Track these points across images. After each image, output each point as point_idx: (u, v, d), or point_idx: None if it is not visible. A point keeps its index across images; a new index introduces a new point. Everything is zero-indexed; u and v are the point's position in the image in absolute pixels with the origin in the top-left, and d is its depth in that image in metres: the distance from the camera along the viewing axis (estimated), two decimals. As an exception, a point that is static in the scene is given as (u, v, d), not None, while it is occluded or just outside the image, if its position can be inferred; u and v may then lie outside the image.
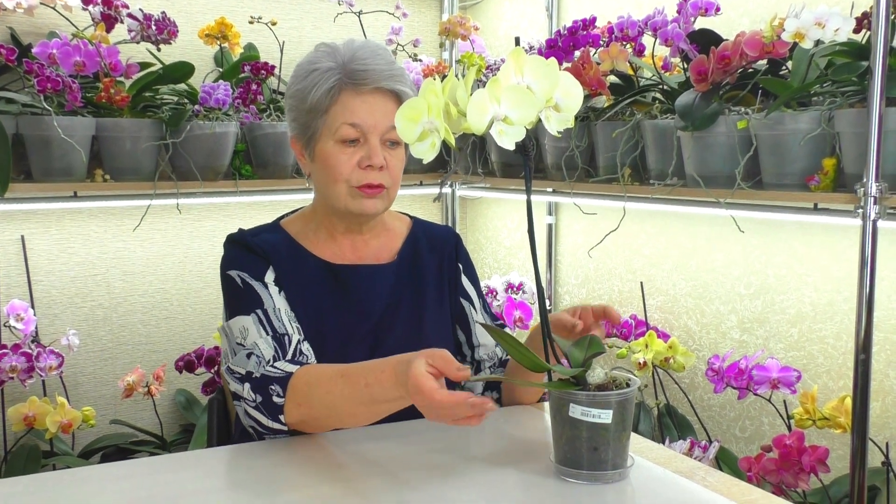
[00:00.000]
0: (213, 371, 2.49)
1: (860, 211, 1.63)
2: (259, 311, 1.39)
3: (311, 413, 1.29)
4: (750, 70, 1.88)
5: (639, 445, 1.31)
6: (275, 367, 1.33)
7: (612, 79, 2.21)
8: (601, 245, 2.45)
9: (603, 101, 2.18)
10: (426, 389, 1.12)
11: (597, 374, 1.15)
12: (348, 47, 1.46)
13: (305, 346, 1.39)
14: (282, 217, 1.59)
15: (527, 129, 1.01)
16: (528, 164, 1.07)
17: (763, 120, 1.77)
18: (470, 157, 2.72)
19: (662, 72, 2.12)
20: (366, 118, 1.42)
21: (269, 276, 1.44)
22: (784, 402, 1.99)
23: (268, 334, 1.37)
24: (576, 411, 1.11)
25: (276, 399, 1.30)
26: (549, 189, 2.50)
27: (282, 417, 1.30)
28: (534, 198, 3.10)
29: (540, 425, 1.38)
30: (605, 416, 1.11)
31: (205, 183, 2.39)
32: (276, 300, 1.41)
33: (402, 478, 1.17)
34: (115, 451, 2.47)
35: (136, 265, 2.68)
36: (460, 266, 1.60)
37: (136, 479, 1.19)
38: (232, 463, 1.29)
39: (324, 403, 1.28)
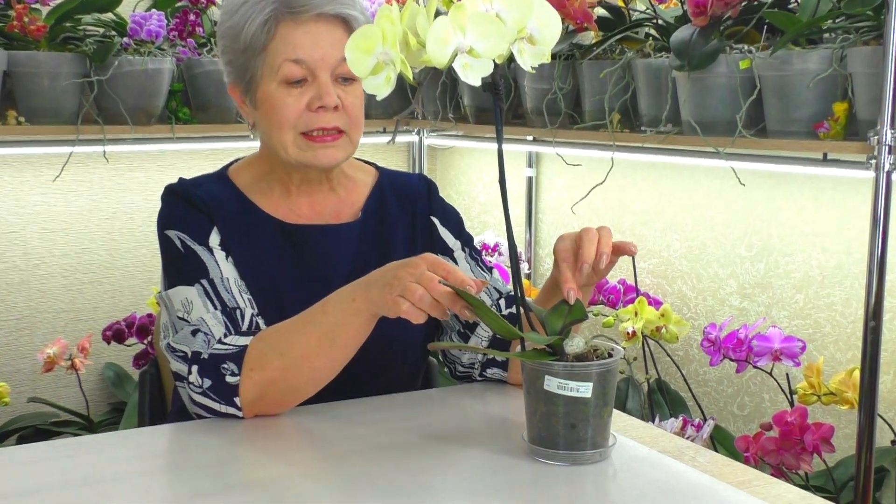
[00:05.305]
0: (145, 342, 2.48)
1: (873, 161, 1.65)
2: (204, 282, 1.37)
3: (264, 376, 1.27)
4: (754, 3, 1.88)
5: (622, 423, 1.33)
6: (225, 344, 1.30)
7: (601, 12, 2.20)
8: (586, 200, 2.45)
9: (590, 37, 2.17)
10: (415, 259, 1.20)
11: (575, 342, 1.15)
12: None
13: (261, 321, 1.37)
14: (229, 164, 1.55)
15: (500, 66, 1.00)
16: (498, 104, 1.06)
17: (768, 59, 1.78)
18: (440, 100, 2.70)
19: (656, 4, 2.11)
20: (311, 52, 1.38)
21: (214, 239, 1.41)
22: (787, 375, 2.02)
23: (216, 308, 1.34)
24: (552, 384, 1.11)
25: (229, 379, 1.28)
26: (529, 137, 2.50)
27: (237, 400, 1.28)
28: (512, 147, 3.05)
29: (511, 401, 1.38)
30: (585, 390, 1.11)
31: (136, 127, 2.36)
32: (223, 268, 1.39)
33: (361, 459, 1.17)
34: (33, 432, 2.47)
35: (56, 222, 2.65)
36: (435, 220, 1.55)
37: (53, 462, 1.18)
38: (165, 443, 1.28)
39: (277, 351, 1.28)
